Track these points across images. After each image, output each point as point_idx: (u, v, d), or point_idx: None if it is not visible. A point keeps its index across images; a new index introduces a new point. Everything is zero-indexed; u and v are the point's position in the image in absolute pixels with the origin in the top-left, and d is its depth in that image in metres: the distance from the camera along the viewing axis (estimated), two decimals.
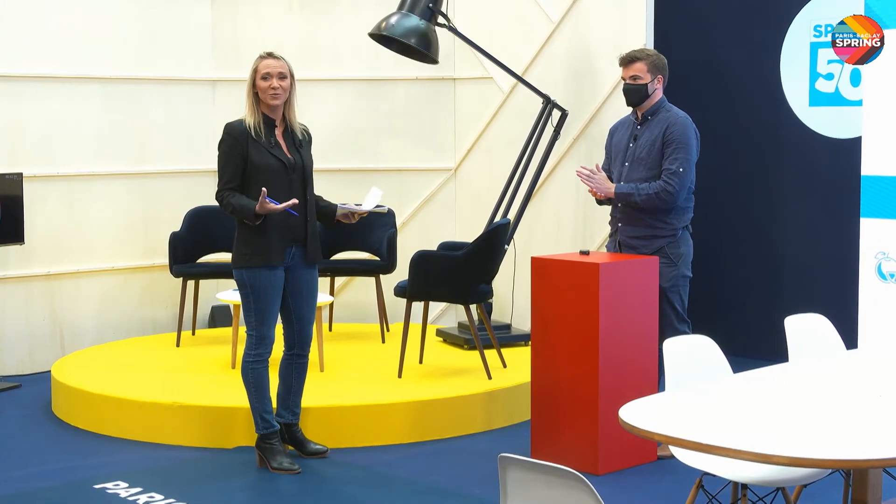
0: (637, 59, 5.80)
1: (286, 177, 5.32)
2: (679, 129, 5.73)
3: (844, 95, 7.33)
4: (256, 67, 5.33)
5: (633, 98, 5.82)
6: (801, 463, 2.91)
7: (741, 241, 7.87)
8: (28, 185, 7.34)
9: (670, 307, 5.75)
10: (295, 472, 5.38)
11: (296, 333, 5.51)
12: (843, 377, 4.03)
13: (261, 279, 5.30)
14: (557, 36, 7.84)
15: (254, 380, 5.42)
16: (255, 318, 5.35)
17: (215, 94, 8.36)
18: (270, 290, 5.32)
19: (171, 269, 7.45)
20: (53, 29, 7.64)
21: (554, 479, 2.64)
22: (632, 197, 5.70)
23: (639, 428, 3.18)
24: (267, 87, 5.29)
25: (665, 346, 4.08)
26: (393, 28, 7.14)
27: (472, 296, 6.45)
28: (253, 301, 5.33)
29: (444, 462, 5.62)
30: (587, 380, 5.37)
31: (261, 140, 5.29)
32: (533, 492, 2.72)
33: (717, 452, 3.00)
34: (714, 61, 7.90)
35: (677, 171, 5.67)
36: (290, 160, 5.34)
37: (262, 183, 5.23)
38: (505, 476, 2.79)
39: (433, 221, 8.45)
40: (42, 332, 7.64)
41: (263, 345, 5.38)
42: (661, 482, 5.27)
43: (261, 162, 5.27)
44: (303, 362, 5.57)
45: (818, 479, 3.89)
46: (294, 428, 5.62)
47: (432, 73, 8.22)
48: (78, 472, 5.46)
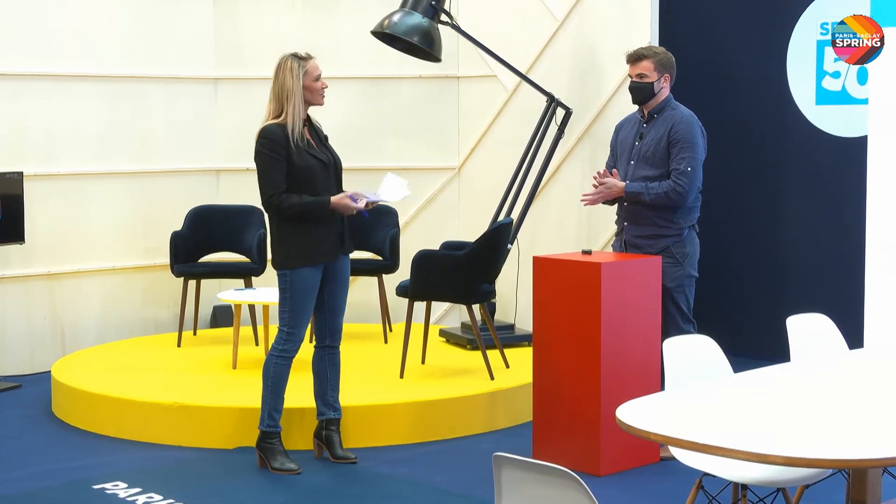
0: (644, 56, 5.83)
1: (326, 175, 5.40)
2: (685, 128, 5.76)
3: (851, 94, 7.35)
4: (307, 69, 5.37)
5: (638, 96, 5.85)
6: (797, 463, 2.94)
7: (746, 240, 7.89)
8: (29, 184, 7.39)
9: (675, 307, 5.78)
10: (295, 472, 5.42)
11: (327, 325, 5.56)
12: (844, 377, 4.06)
13: (305, 279, 5.37)
14: (562, 34, 7.87)
15: (274, 374, 5.46)
16: (290, 315, 5.41)
17: (217, 92, 8.40)
18: (309, 290, 5.40)
19: (172, 269, 7.49)
20: (54, 27, 7.69)
21: (548, 478, 2.68)
22: (641, 196, 5.73)
23: (635, 427, 3.21)
24: (321, 88, 5.41)
25: (665, 346, 4.11)
26: (395, 26, 7.18)
27: (474, 296, 6.49)
28: (290, 298, 5.39)
29: (445, 463, 5.66)
30: (589, 380, 5.40)
31: (300, 142, 5.35)
32: (527, 491, 2.76)
33: (712, 452, 3.04)
34: (719, 59, 7.92)
35: (685, 171, 5.70)
36: (326, 158, 5.43)
37: (305, 184, 5.33)
38: (500, 475, 2.82)
39: (437, 221, 8.48)
40: (43, 332, 7.69)
41: (293, 342, 5.44)
42: (663, 483, 5.31)
43: (302, 164, 5.34)
44: (335, 354, 5.61)
45: (820, 479, 3.92)
46: (333, 427, 5.63)
47: (436, 71, 8.25)
48: (77, 473, 5.50)
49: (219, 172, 8.45)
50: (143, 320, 8.15)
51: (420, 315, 7.13)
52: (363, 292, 8.29)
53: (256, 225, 7.67)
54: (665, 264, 5.71)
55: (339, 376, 5.67)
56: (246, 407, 5.89)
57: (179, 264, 7.47)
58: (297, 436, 5.76)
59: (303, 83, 5.37)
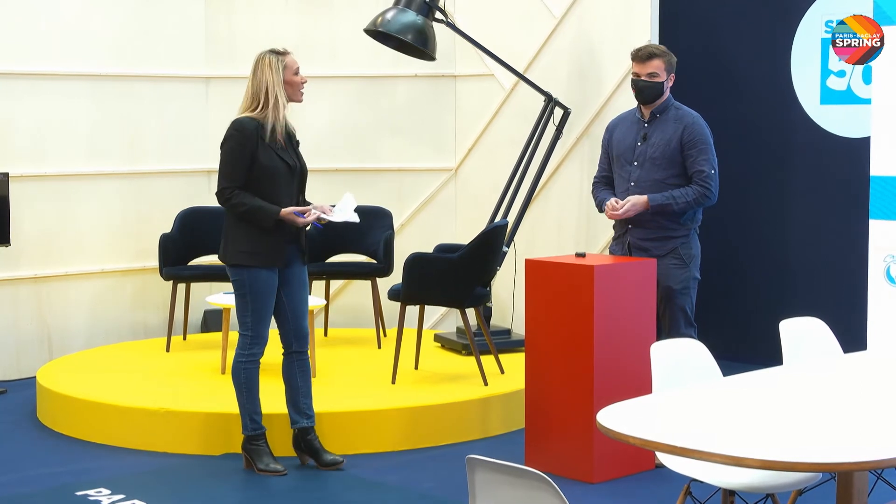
0: (655, 55, 5.88)
1: (289, 179, 5.44)
2: (699, 130, 5.86)
3: (856, 93, 7.38)
4: (286, 64, 5.43)
5: (648, 95, 5.89)
6: (775, 466, 2.98)
7: (748, 242, 7.92)
8: (15, 185, 7.46)
9: (680, 310, 5.83)
10: (281, 473, 5.49)
11: (291, 329, 5.60)
12: (833, 380, 4.10)
13: (260, 279, 5.43)
14: (560, 31, 7.92)
15: (245, 380, 5.53)
16: (252, 318, 5.47)
17: (209, 91, 8.47)
18: (268, 291, 5.45)
19: (160, 272, 7.55)
20: (43, 25, 7.75)
21: (519, 479, 2.73)
22: (669, 206, 5.78)
23: (614, 430, 3.26)
24: (301, 83, 5.46)
25: (652, 351, 4.15)
26: (388, 24, 7.24)
27: (467, 299, 6.54)
28: (251, 302, 5.45)
29: (435, 469, 5.71)
30: (581, 386, 5.45)
31: (271, 141, 5.40)
32: (500, 493, 2.81)
33: (689, 455, 3.08)
34: (722, 57, 7.97)
35: (710, 174, 5.80)
36: (293, 162, 5.48)
37: (266, 185, 5.38)
38: (473, 477, 2.88)
39: (433, 223, 8.54)
40: (29, 336, 7.75)
41: (258, 344, 5.50)
42: (657, 491, 5.35)
43: (268, 164, 5.39)
44: (304, 360, 5.65)
45: (811, 485, 3.96)
46: (311, 435, 5.68)
47: (432, 69, 8.31)
48: (60, 479, 5.56)
49: (210, 173, 8.49)
50: (133, 325, 8.21)
51: (414, 319, 7.18)
52: (357, 296, 8.35)
53: None
54: (672, 266, 5.77)
55: (311, 382, 5.70)
56: (233, 413, 5.93)
57: (168, 267, 7.53)
58: (279, 442, 5.78)
59: (283, 77, 5.41)
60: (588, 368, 5.42)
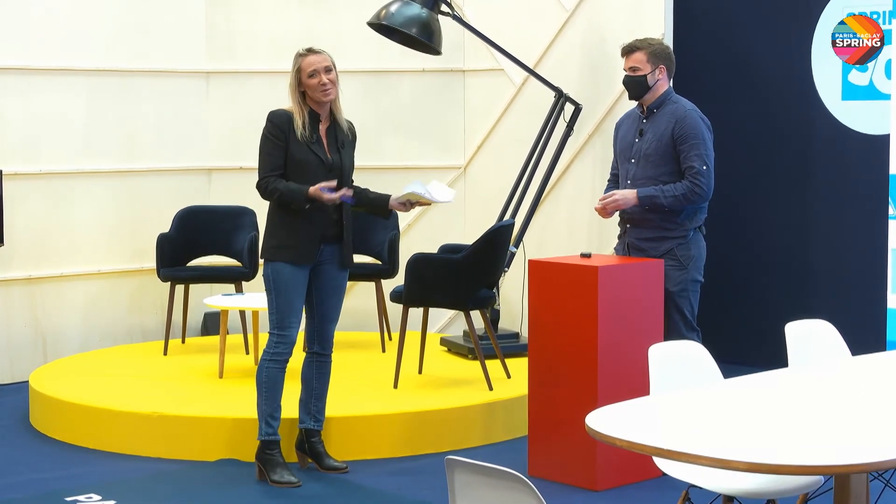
0: (636, 48, 5.92)
1: (324, 175, 5.54)
2: (690, 123, 5.83)
3: (879, 88, 7.42)
4: (300, 66, 5.53)
5: (633, 91, 5.95)
6: (761, 469, 3.06)
7: (768, 241, 7.93)
8: (8, 184, 7.54)
9: (678, 313, 5.87)
10: (296, 485, 5.58)
11: (316, 331, 5.73)
12: (837, 383, 4.16)
13: (283, 275, 5.55)
14: (571, 26, 7.99)
15: (266, 380, 5.62)
16: (277, 316, 5.59)
17: (209, 87, 8.55)
18: (292, 287, 5.57)
19: (158, 273, 7.65)
20: (36, 18, 7.83)
21: (496, 480, 2.82)
22: (657, 199, 5.80)
23: (601, 433, 3.34)
24: (317, 85, 5.52)
25: (650, 353, 4.22)
26: (393, 17, 7.31)
27: (471, 301, 6.61)
28: (275, 297, 5.58)
29: (434, 477, 5.76)
30: (585, 390, 5.52)
31: (304, 134, 5.52)
32: (478, 494, 2.91)
33: (675, 458, 3.16)
34: (739, 52, 8.00)
35: (701, 170, 5.77)
36: (328, 159, 5.58)
37: (298, 178, 5.51)
38: (452, 478, 2.98)
39: (441, 223, 8.59)
40: (23, 339, 7.85)
41: (283, 344, 5.60)
42: (661, 498, 5.41)
43: (299, 157, 5.53)
44: (324, 362, 5.77)
45: (817, 490, 4.01)
46: (315, 438, 5.79)
47: (440, 64, 8.37)
48: (50, 484, 5.67)
49: (210, 171, 8.61)
50: (129, 327, 8.30)
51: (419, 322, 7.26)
52: (361, 298, 8.40)
53: (248, 227, 7.81)
54: (668, 267, 5.80)
55: (327, 386, 5.81)
56: (229, 417, 6.05)
57: (166, 268, 7.63)
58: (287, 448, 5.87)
59: (298, 78, 5.54)
60: (592, 372, 5.49)
